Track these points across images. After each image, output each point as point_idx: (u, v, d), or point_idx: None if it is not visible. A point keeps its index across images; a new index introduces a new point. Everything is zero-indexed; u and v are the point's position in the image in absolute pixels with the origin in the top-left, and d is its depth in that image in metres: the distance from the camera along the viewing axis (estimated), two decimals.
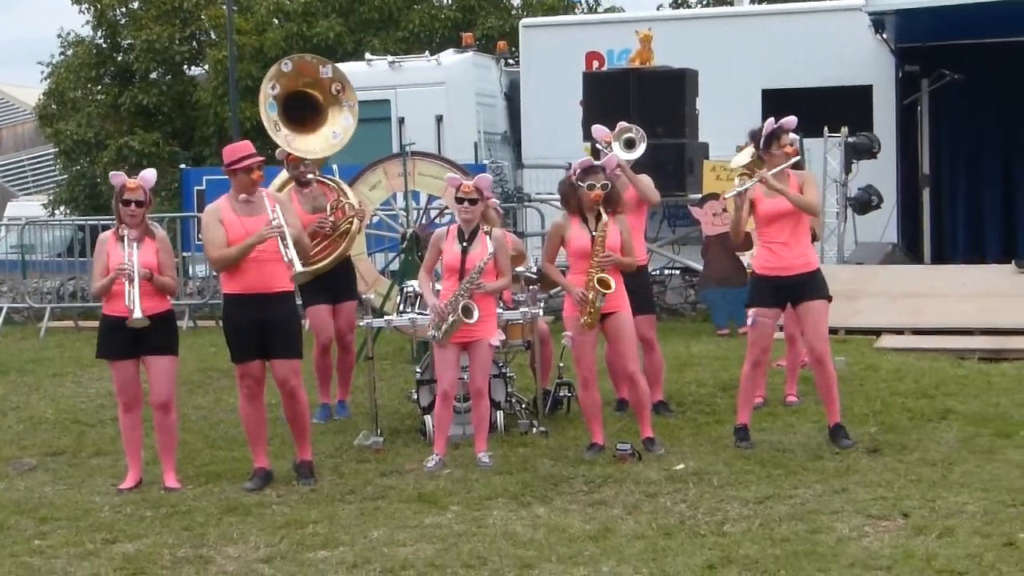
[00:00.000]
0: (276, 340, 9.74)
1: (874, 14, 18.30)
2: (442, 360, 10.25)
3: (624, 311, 10.24)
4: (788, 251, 10.14)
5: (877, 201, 18.32)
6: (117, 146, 32.30)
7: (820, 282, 10.25)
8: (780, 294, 10.21)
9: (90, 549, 8.33)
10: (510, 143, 21.98)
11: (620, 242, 10.15)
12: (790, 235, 10.15)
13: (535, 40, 21.28)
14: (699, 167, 17.25)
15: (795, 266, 10.14)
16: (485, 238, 10.25)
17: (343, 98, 12.11)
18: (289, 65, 12.22)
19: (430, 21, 31.64)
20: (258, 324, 9.65)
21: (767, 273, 10.23)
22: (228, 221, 9.69)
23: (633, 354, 10.37)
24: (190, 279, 20.56)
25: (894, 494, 8.69)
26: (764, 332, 10.27)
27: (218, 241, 9.69)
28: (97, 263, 9.94)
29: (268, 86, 12.12)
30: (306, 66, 12.21)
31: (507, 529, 8.34)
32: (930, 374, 12.65)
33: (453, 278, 10.22)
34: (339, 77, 12.16)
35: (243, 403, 9.91)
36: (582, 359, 10.27)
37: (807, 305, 10.17)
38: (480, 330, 10.18)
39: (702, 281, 17.16)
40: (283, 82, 12.07)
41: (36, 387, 14.61)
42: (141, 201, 9.80)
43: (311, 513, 8.90)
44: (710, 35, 19.92)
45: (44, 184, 50.05)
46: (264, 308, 9.65)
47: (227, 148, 9.95)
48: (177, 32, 33.37)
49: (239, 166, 9.72)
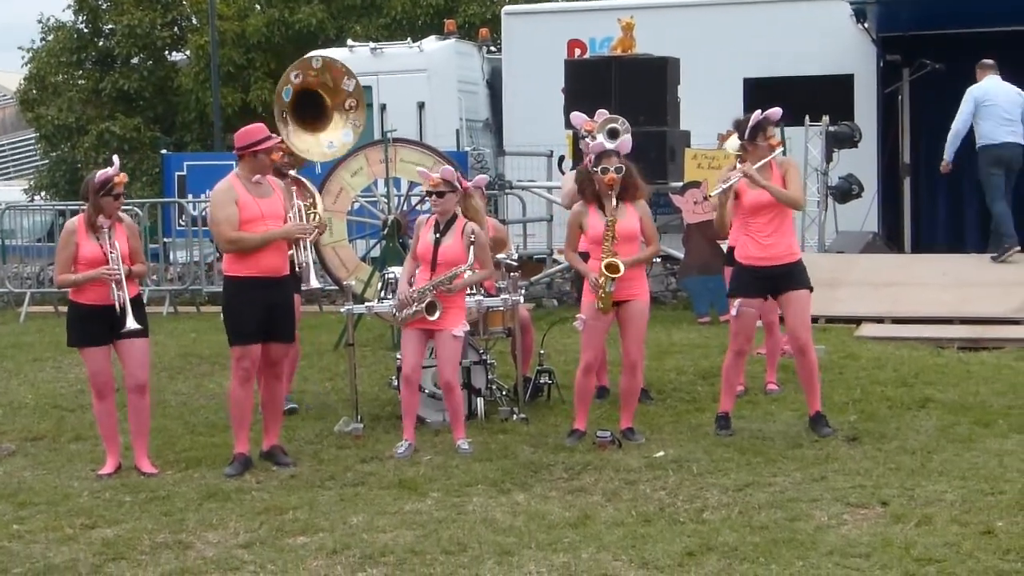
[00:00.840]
0: (279, 323, 9.84)
1: (856, 3, 18.30)
2: (406, 342, 10.26)
3: (641, 298, 10.21)
4: (771, 241, 10.15)
5: (858, 190, 18.33)
6: (98, 131, 32.17)
7: (802, 272, 10.27)
8: (762, 283, 10.22)
9: (69, 534, 8.33)
10: (492, 130, 21.97)
11: (639, 228, 10.12)
12: (774, 226, 10.15)
13: (517, 27, 21.25)
14: (680, 155, 17.24)
15: (778, 256, 10.16)
16: (460, 231, 10.22)
17: (352, 116, 12.17)
18: (319, 63, 12.31)
19: (412, 8, 31.53)
20: (267, 307, 9.70)
21: (750, 263, 10.23)
22: (244, 201, 9.70)
23: (640, 342, 10.33)
24: (171, 265, 20.52)
25: (873, 482, 8.72)
26: (748, 322, 10.30)
27: (232, 220, 9.68)
28: (63, 252, 9.85)
29: (292, 74, 12.18)
30: (335, 71, 12.27)
31: (487, 516, 8.35)
32: (909, 363, 12.68)
33: (425, 267, 10.21)
34: (357, 95, 12.22)
35: (235, 385, 9.88)
36: (589, 344, 10.28)
37: (789, 295, 10.18)
38: (444, 321, 10.15)
39: (683, 269, 17.16)
40: (306, 74, 12.11)
41: (16, 372, 14.57)
42: (124, 192, 9.86)
43: (291, 499, 8.90)
44: (692, 23, 19.89)
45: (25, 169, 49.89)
46: (273, 292, 9.72)
47: (242, 131, 9.97)
48: (159, 17, 33.22)
49: (260, 147, 9.76)
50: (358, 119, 12.23)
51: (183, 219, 20.12)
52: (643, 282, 10.30)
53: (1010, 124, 16.17)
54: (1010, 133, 16.17)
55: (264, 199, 9.74)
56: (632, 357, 10.28)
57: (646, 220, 10.18)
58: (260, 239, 9.65)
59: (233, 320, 9.85)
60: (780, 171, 10.20)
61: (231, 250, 9.76)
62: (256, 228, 9.66)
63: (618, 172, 10.04)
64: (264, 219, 9.68)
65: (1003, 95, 16.26)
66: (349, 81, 12.27)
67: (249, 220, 9.66)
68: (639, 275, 10.24)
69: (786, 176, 10.19)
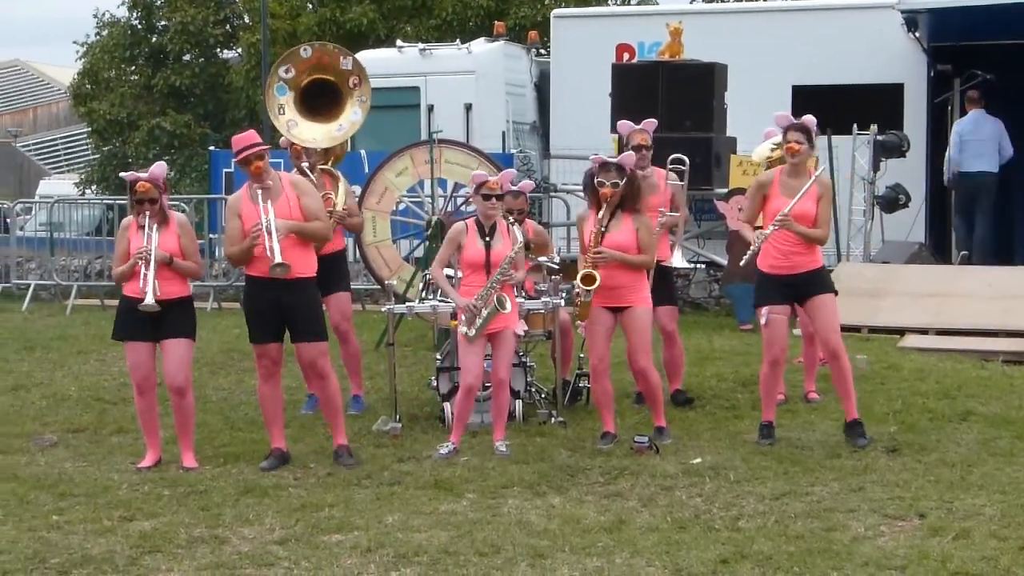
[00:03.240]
0: (298, 323, 9.83)
1: (907, 12, 18.21)
2: (468, 352, 10.24)
3: (639, 306, 10.25)
4: (794, 250, 10.12)
5: (905, 200, 18.23)
6: (149, 127, 32.43)
7: (825, 277, 10.33)
8: (787, 291, 10.20)
9: (107, 526, 8.39)
10: (538, 133, 21.95)
11: (633, 241, 10.16)
12: (802, 240, 10.12)
13: (566, 31, 21.23)
14: (726, 162, 17.19)
15: (801, 264, 10.14)
16: (507, 231, 10.27)
17: (357, 92, 12.00)
18: (308, 51, 12.14)
19: (463, 9, 31.60)
20: (277, 307, 9.74)
21: (773, 271, 10.22)
22: (246, 212, 9.77)
23: (644, 348, 10.33)
24: (216, 261, 20.60)
25: (911, 494, 8.68)
26: (779, 330, 10.25)
27: (233, 236, 9.86)
28: (118, 246, 10.11)
29: (281, 69, 12.06)
30: (327, 56, 12.12)
31: (522, 518, 8.36)
32: (952, 375, 12.60)
33: (477, 274, 10.22)
34: (358, 70, 12.03)
35: (260, 383, 10.03)
36: (593, 349, 10.38)
37: (814, 300, 10.18)
38: (505, 319, 10.21)
39: (726, 276, 17.10)
40: (299, 67, 11.99)
41: (60, 364, 14.67)
42: (154, 199, 9.86)
43: (327, 497, 8.93)
44: (741, 30, 19.84)
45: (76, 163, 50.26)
46: (283, 293, 9.72)
47: (234, 138, 10.00)
48: (211, 15, 33.47)
49: (238, 159, 9.84)
50: (363, 94, 12.04)
51: None
52: (642, 289, 10.34)
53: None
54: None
55: (270, 203, 9.73)
56: (639, 364, 10.33)
57: (643, 232, 10.24)
58: (238, 250, 9.79)
59: (248, 319, 10.05)
60: (818, 192, 10.16)
61: (233, 264, 9.94)
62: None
63: (614, 187, 10.11)
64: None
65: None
66: (345, 60, 12.09)
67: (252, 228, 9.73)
68: (636, 282, 10.28)
69: (820, 202, 10.15)
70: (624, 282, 10.18)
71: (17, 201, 26.26)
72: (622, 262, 10.13)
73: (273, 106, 11.95)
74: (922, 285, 15.94)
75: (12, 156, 56.88)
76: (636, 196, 10.29)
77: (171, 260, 9.78)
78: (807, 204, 10.07)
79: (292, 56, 12.14)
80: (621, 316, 10.24)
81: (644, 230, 10.27)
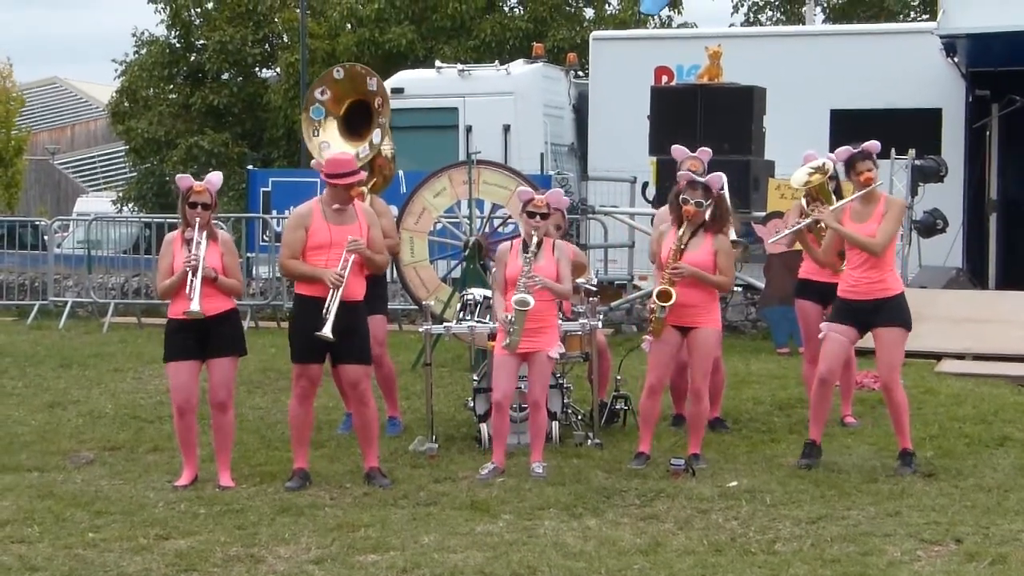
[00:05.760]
0: (343, 346, 9.79)
1: (946, 37, 18.20)
2: (501, 369, 10.27)
3: (706, 327, 10.23)
4: (861, 275, 10.05)
5: (943, 225, 18.20)
6: (187, 145, 32.57)
7: (896, 308, 10.08)
8: (857, 317, 10.09)
9: (143, 544, 8.40)
10: (576, 155, 21.99)
11: (711, 262, 10.15)
12: (863, 258, 10.02)
13: (605, 53, 21.30)
14: (764, 185, 17.19)
15: (872, 291, 10.02)
16: (550, 249, 10.30)
17: (378, 115, 12.03)
18: (341, 73, 12.21)
19: (501, 31, 31.72)
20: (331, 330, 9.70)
21: (843, 295, 10.16)
22: (316, 228, 9.78)
23: (705, 371, 10.31)
24: (253, 279, 20.68)
25: (948, 519, 8.64)
26: (832, 348, 10.15)
27: (293, 246, 9.82)
28: (162, 262, 10.03)
29: (317, 91, 12.12)
30: (357, 75, 12.18)
31: (558, 540, 8.35)
32: (989, 400, 12.55)
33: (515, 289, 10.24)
34: (381, 91, 12.08)
35: (294, 403, 10.00)
36: (655, 366, 10.32)
37: (878, 331, 10.07)
38: (541, 342, 10.21)
39: (763, 299, 17.08)
40: (334, 89, 12.05)
41: (97, 381, 14.73)
42: (207, 204, 9.87)
43: (363, 516, 8.94)
44: (780, 53, 19.87)
45: (114, 181, 50.57)
46: (338, 315, 9.68)
47: (332, 158, 10.08)
48: (250, 34, 33.63)
49: (340, 182, 9.82)
50: (383, 115, 12.05)
51: (267, 235, 20.25)
52: (713, 311, 10.30)
53: None
54: None
55: (340, 226, 9.77)
56: (696, 384, 10.29)
57: (722, 255, 10.20)
58: (305, 271, 9.78)
59: (294, 338, 9.98)
60: (883, 208, 10.08)
61: (284, 275, 9.89)
62: (322, 255, 9.76)
63: (697, 206, 10.09)
64: (332, 247, 9.74)
65: None
66: (371, 80, 12.15)
67: (317, 247, 9.76)
68: (709, 303, 10.25)
69: (885, 215, 10.06)
70: (696, 301, 10.15)
71: (55, 219, 26.45)
72: (700, 279, 10.11)
73: (307, 128, 12.00)
74: (959, 310, 15.91)
75: (50, 174, 57.30)
76: (720, 218, 10.28)
77: (216, 277, 9.80)
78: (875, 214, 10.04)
79: (326, 78, 12.20)
80: (688, 336, 10.23)
81: (723, 253, 10.23)
